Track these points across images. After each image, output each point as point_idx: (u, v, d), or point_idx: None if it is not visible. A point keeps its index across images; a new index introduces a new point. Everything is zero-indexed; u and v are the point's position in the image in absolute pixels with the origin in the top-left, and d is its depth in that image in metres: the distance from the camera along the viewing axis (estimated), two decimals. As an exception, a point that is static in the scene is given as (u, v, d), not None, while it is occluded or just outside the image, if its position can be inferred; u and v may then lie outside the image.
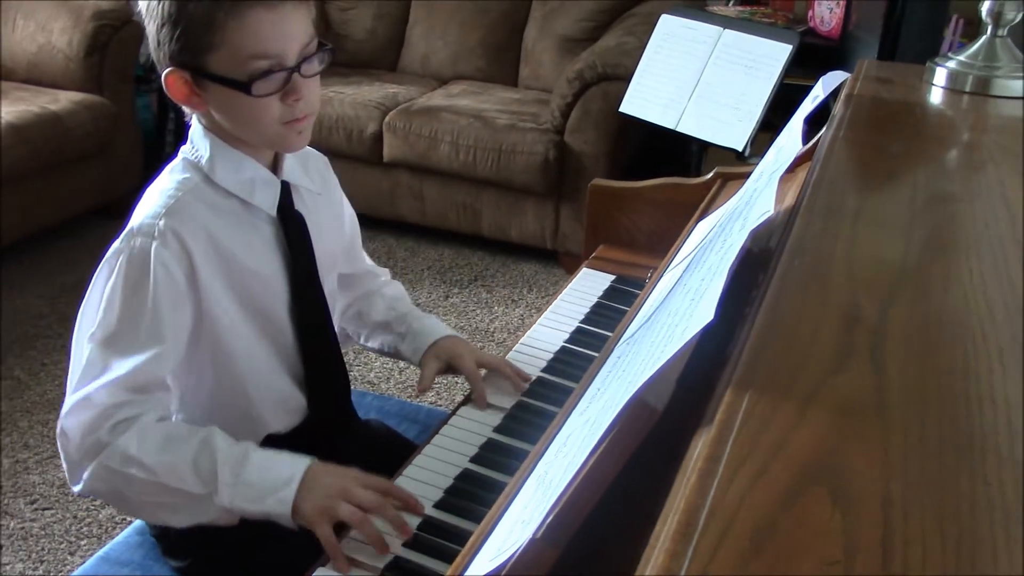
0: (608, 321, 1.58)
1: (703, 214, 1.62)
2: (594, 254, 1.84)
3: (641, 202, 1.85)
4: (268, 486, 1.13)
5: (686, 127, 2.74)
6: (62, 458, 1.17)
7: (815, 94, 1.28)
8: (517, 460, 1.17)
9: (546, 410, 1.34)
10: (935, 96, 1.56)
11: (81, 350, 1.17)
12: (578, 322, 1.60)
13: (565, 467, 0.82)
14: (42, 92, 3.51)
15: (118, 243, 1.18)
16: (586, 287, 1.72)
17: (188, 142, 1.25)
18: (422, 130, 3.50)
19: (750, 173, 1.35)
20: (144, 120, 3.90)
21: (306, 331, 1.32)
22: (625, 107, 2.91)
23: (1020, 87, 1.53)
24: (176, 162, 1.25)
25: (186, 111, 1.24)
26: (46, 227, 3.48)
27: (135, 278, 1.15)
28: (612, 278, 1.75)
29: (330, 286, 1.38)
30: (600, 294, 1.70)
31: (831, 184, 1.12)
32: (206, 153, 1.22)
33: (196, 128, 1.24)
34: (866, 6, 3.22)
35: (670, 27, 2.86)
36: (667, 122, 2.79)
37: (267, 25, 1.13)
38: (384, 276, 1.57)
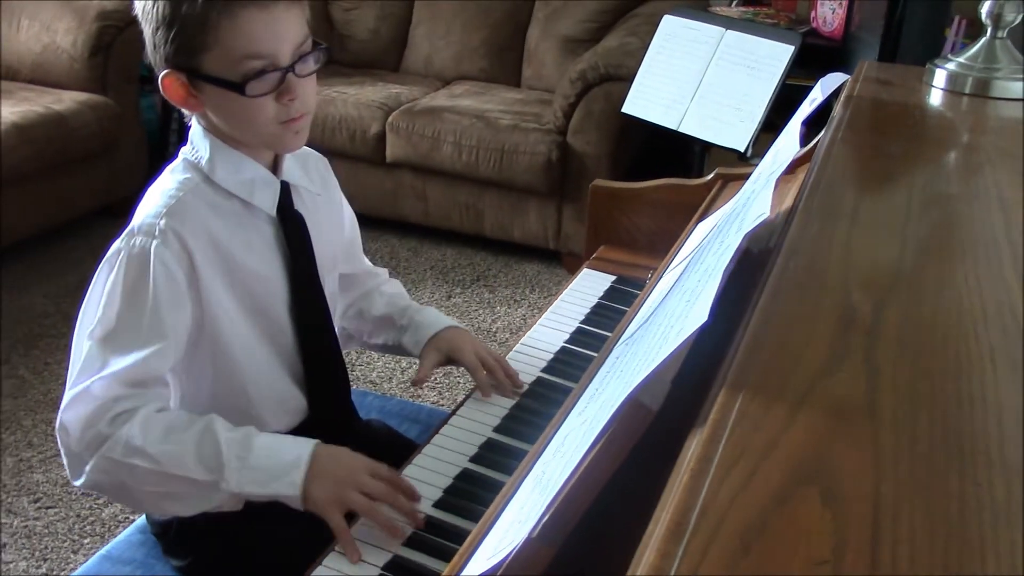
0: (608, 321, 1.59)
1: (703, 215, 1.63)
2: (595, 255, 1.85)
3: (642, 203, 1.85)
4: (276, 469, 1.14)
5: (688, 128, 2.74)
6: (62, 452, 1.18)
7: (813, 96, 1.28)
8: (516, 460, 1.17)
9: (546, 410, 1.34)
10: (935, 98, 1.57)
11: (80, 347, 1.17)
12: (578, 322, 1.60)
13: (562, 467, 0.83)
14: (46, 92, 3.52)
15: (119, 242, 1.19)
16: (586, 287, 1.73)
17: (188, 143, 1.26)
18: (425, 130, 3.51)
19: (750, 174, 1.35)
20: (148, 120, 3.91)
21: (306, 331, 1.33)
22: (627, 108, 2.91)
23: (1019, 89, 1.53)
24: (176, 163, 1.26)
25: (185, 112, 1.25)
26: (50, 227, 3.49)
27: (135, 277, 1.16)
28: (613, 279, 1.75)
29: (331, 287, 1.39)
30: (600, 295, 1.70)
31: (828, 186, 1.12)
32: (206, 154, 1.23)
33: (196, 129, 1.25)
34: (868, 7, 3.22)
35: (672, 28, 2.86)
36: (669, 123, 2.79)
37: (260, 25, 1.13)
38: (383, 275, 1.58)
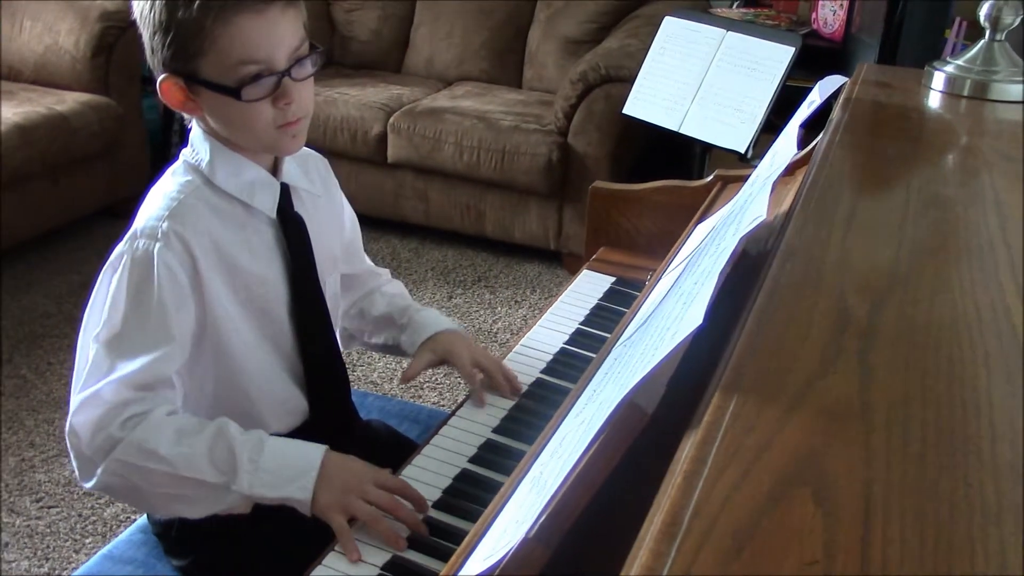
0: (607, 323, 1.59)
1: (702, 216, 1.63)
2: (595, 256, 1.85)
3: (641, 204, 1.86)
4: (288, 473, 1.15)
5: (689, 129, 2.75)
6: (72, 456, 1.18)
7: (811, 99, 1.28)
8: (515, 461, 1.18)
9: (545, 411, 1.34)
10: (933, 100, 1.57)
11: (87, 350, 1.18)
12: (578, 324, 1.61)
13: (559, 468, 0.84)
14: (49, 93, 3.53)
15: (122, 245, 1.19)
16: (586, 289, 1.73)
17: (188, 145, 1.27)
18: (426, 131, 3.51)
19: (748, 176, 1.36)
20: (150, 121, 3.91)
21: (306, 332, 1.33)
22: (628, 109, 2.91)
23: (1018, 91, 1.53)
24: (177, 165, 1.26)
25: (185, 115, 1.25)
26: (52, 227, 3.50)
27: (139, 280, 1.17)
28: (612, 280, 1.76)
29: (332, 288, 1.39)
30: (600, 296, 1.71)
31: (825, 188, 1.13)
32: (206, 156, 1.24)
33: (195, 131, 1.26)
34: (869, 9, 3.22)
35: (673, 29, 2.87)
36: (670, 124, 2.80)
37: (255, 30, 1.14)
38: (385, 275, 1.58)
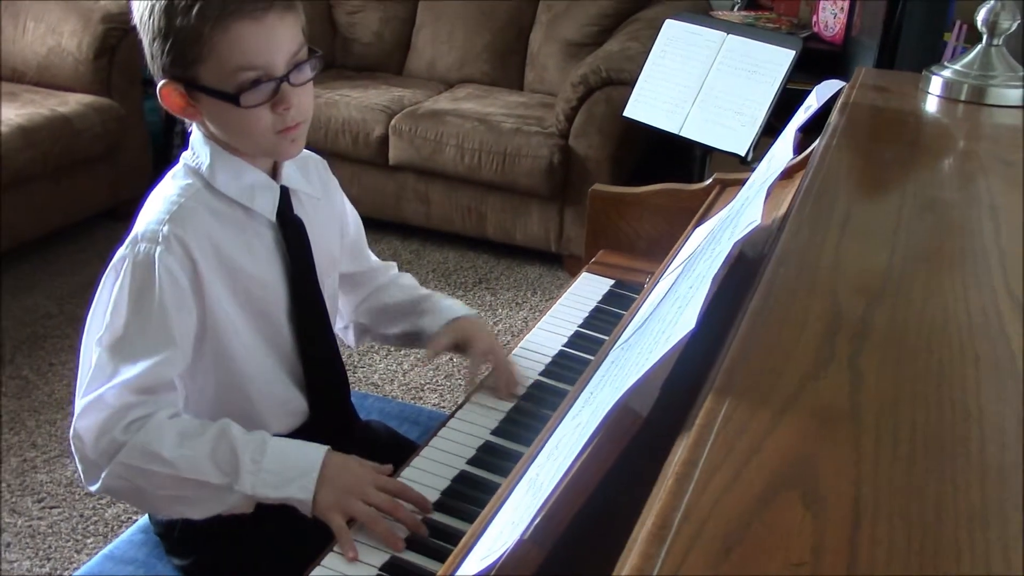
0: (606, 325, 1.60)
1: (701, 219, 1.64)
2: (594, 259, 1.86)
3: (641, 207, 1.86)
4: (289, 473, 1.16)
5: (689, 132, 2.75)
6: (76, 460, 1.19)
7: (808, 104, 1.29)
8: (513, 463, 1.18)
9: (543, 413, 1.35)
10: (931, 105, 1.58)
11: (89, 355, 1.19)
12: (577, 326, 1.62)
13: (555, 470, 0.84)
14: (52, 94, 3.54)
15: (123, 249, 1.20)
16: (586, 291, 1.74)
17: (189, 149, 1.27)
18: (428, 133, 3.52)
19: (747, 180, 1.37)
20: (152, 123, 3.92)
21: (305, 334, 1.34)
22: (629, 112, 2.92)
23: (1015, 96, 1.54)
24: (177, 168, 1.27)
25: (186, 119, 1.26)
26: (54, 228, 3.51)
27: (140, 283, 1.17)
28: (612, 282, 1.76)
29: (330, 289, 1.40)
30: (599, 298, 1.71)
31: (821, 192, 1.13)
32: (206, 160, 1.24)
33: (196, 135, 1.26)
34: (869, 12, 3.23)
35: (674, 32, 2.87)
36: (671, 127, 2.80)
37: (253, 37, 1.14)
38: (393, 269, 1.59)
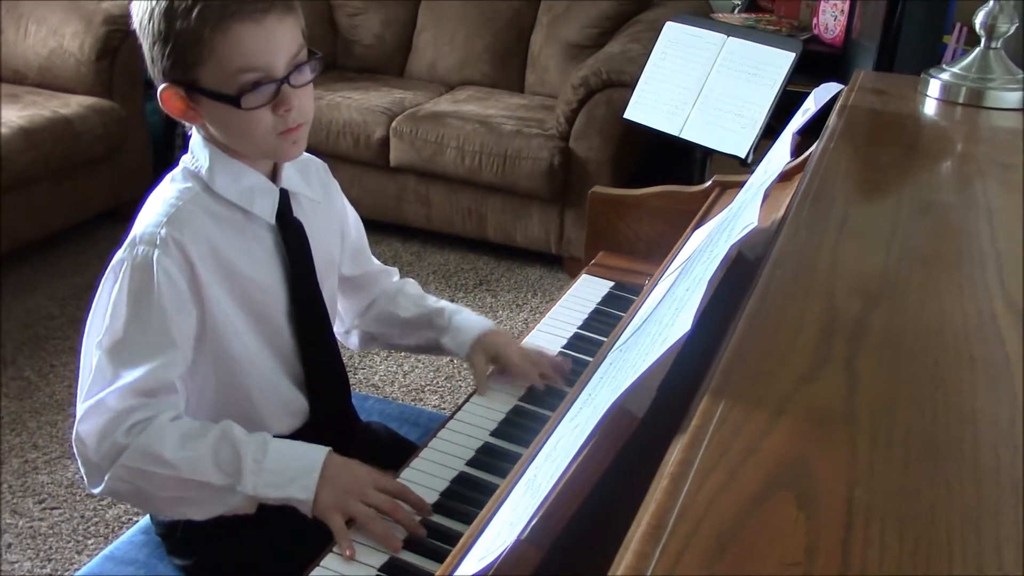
0: (605, 327, 1.60)
1: (700, 222, 1.65)
2: (594, 261, 1.86)
3: (640, 209, 1.87)
4: (291, 473, 1.17)
5: (690, 134, 2.76)
6: (79, 463, 1.19)
7: (806, 107, 1.30)
8: (512, 464, 1.19)
9: (542, 415, 1.36)
10: (929, 107, 1.58)
11: (89, 358, 1.19)
12: (576, 328, 1.62)
13: (553, 471, 0.85)
14: (53, 96, 3.55)
15: (121, 252, 1.20)
16: (585, 293, 1.74)
17: (188, 152, 1.28)
18: (428, 135, 3.53)
19: (745, 182, 1.37)
20: (153, 124, 3.93)
21: (305, 335, 1.35)
22: (629, 114, 2.92)
23: (1013, 99, 1.55)
24: (177, 171, 1.28)
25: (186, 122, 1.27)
26: (56, 230, 3.51)
27: (139, 286, 1.18)
28: (611, 284, 1.77)
29: (329, 291, 1.41)
30: (599, 300, 1.72)
31: (819, 195, 1.14)
32: (206, 163, 1.25)
33: (195, 138, 1.27)
34: (869, 14, 3.24)
35: (675, 34, 2.88)
36: (671, 129, 2.81)
37: (253, 39, 1.15)
38: (395, 275, 1.60)
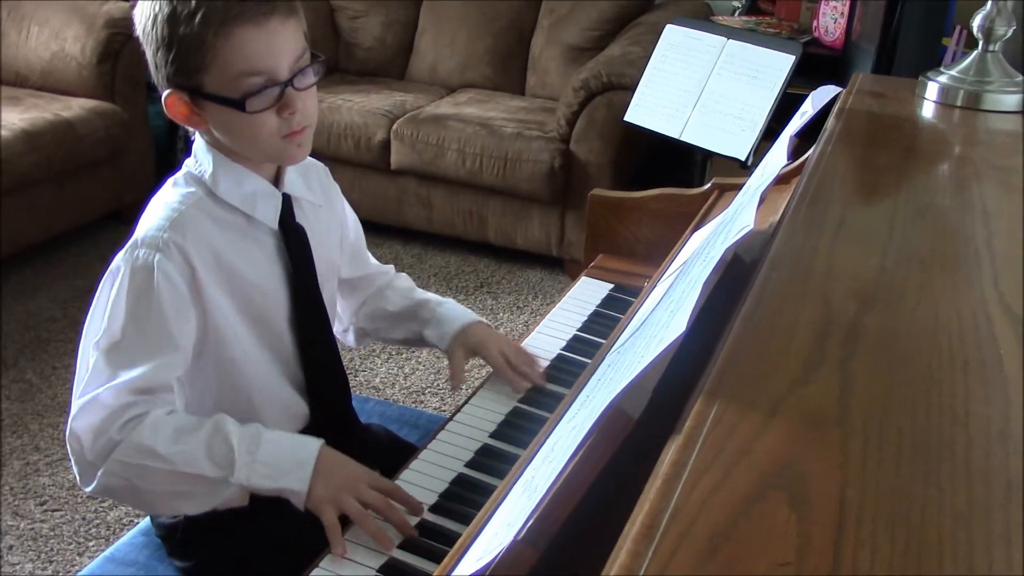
0: (604, 329, 1.61)
1: (699, 224, 1.65)
2: (593, 263, 1.87)
3: (640, 212, 1.87)
4: (285, 464, 1.17)
5: (690, 136, 2.76)
6: (72, 461, 1.19)
7: (804, 110, 1.30)
8: (511, 465, 1.19)
9: (541, 416, 1.36)
10: (927, 110, 1.58)
11: (87, 358, 1.19)
12: (575, 330, 1.62)
13: (550, 472, 0.85)
14: (55, 99, 3.56)
15: (122, 254, 1.21)
16: (584, 296, 1.75)
17: (192, 156, 1.28)
18: (429, 138, 3.53)
19: (743, 184, 1.38)
20: (156, 127, 3.94)
21: (306, 339, 1.35)
22: (630, 116, 2.93)
23: (1011, 102, 1.55)
24: (179, 175, 1.28)
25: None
26: (58, 232, 3.52)
27: (139, 288, 1.18)
28: (610, 287, 1.77)
29: (329, 294, 1.41)
30: (598, 303, 1.72)
31: (815, 198, 1.14)
32: (209, 168, 1.25)
33: (199, 143, 1.27)
34: (868, 17, 3.24)
35: (675, 37, 2.89)
36: (671, 131, 2.81)
37: (256, 43, 1.15)
38: (390, 271, 1.60)
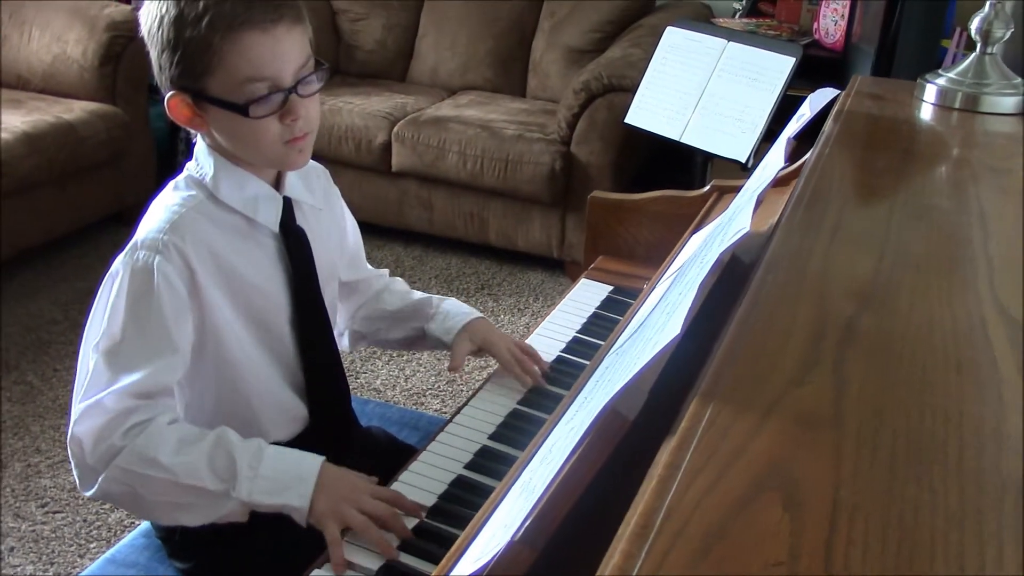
0: (603, 331, 1.61)
1: (698, 226, 1.66)
2: (593, 265, 1.87)
3: (639, 214, 1.88)
4: (286, 480, 1.17)
5: (690, 139, 2.77)
6: (73, 465, 1.19)
7: (802, 112, 1.30)
8: (510, 467, 1.20)
9: (540, 418, 1.37)
10: (925, 113, 1.59)
11: (87, 360, 1.20)
12: (575, 332, 1.63)
13: (548, 474, 0.86)
14: (57, 102, 3.57)
15: (122, 256, 1.21)
16: (584, 297, 1.75)
17: (193, 159, 1.29)
18: (430, 140, 3.54)
19: (741, 187, 1.38)
20: (157, 129, 3.95)
21: (306, 342, 1.36)
22: (630, 118, 2.93)
23: (1009, 104, 1.56)
24: (180, 178, 1.29)
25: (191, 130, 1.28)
26: (59, 234, 3.53)
27: (139, 290, 1.18)
28: (610, 289, 1.78)
29: (330, 297, 1.41)
30: (598, 304, 1.73)
31: (813, 200, 1.15)
32: (210, 171, 1.26)
33: (200, 146, 1.28)
34: (869, 19, 3.25)
35: (675, 39, 2.89)
36: (672, 133, 2.82)
37: (262, 49, 1.16)
38: (385, 275, 1.61)
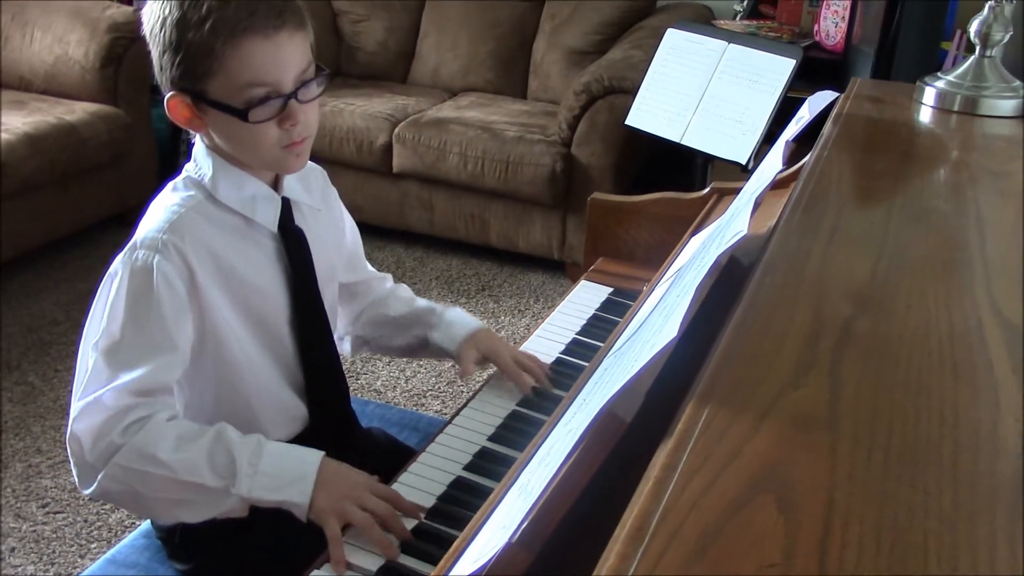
0: (603, 333, 1.62)
1: (698, 228, 1.66)
2: (593, 266, 1.88)
3: (640, 216, 1.88)
4: (286, 476, 1.17)
5: (691, 140, 2.76)
6: (72, 463, 1.20)
7: (800, 115, 1.31)
8: (509, 468, 1.20)
9: (539, 419, 1.37)
10: (924, 115, 1.59)
11: (86, 359, 1.20)
12: (575, 334, 1.63)
13: (546, 475, 0.86)
14: (58, 103, 3.57)
15: (121, 256, 1.21)
16: (584, 299, 1.76)
17: (191, 160, 1.29)
18: (431, 141, 3.54)
19: (740, 189, 1.38)
20: (159, 130, 3.95)
21: (306, 342, 1.36)
22: (631, 120, 2.93)
23: (1007, 107, 1.56)
24: (179, 179, 1.29)
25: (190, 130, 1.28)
26: (61, 235, 3.53)
27: (138, 290, 1.19)
28: (610, 290, 1.78)
29: (330, 298, 1.42)
30: (597, 306, 1.73)
31: (811, 202, 1.15)
32: (209, 171, 1.26)
33: (199, 147, 1.28)
34: (869, 21, 3.25)
35: (676, 41, 2.89)
36: (672, 135, 2.82)
37: (263, 54, 1.16)
38: (389, 281, 1.62)
